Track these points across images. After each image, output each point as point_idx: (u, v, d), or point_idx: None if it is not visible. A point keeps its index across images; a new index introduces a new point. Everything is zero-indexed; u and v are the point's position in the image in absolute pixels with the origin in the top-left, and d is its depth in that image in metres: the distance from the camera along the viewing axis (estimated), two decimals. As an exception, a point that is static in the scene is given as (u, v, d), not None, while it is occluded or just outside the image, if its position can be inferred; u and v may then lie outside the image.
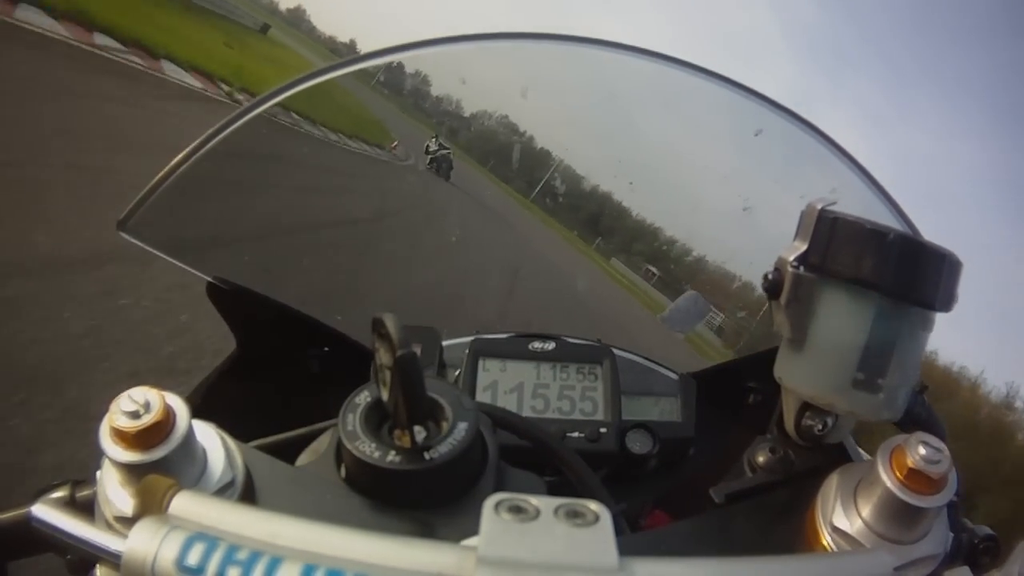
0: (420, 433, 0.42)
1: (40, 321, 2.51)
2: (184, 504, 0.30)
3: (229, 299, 0.72)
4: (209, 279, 0.71)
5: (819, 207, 0.42)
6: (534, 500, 0.28)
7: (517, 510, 0.27)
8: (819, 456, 0.46)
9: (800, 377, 0.44)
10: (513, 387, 0.80)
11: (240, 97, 9.26)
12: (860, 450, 0.55)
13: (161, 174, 0.66)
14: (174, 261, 0.68)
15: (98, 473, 0.39)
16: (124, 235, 0.63)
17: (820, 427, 0.45)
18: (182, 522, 0.29)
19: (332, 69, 0.70)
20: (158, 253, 0.67)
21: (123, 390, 0.37)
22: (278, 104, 0.69)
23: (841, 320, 0.41)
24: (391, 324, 0.38)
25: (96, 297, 2.85)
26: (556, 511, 0.27)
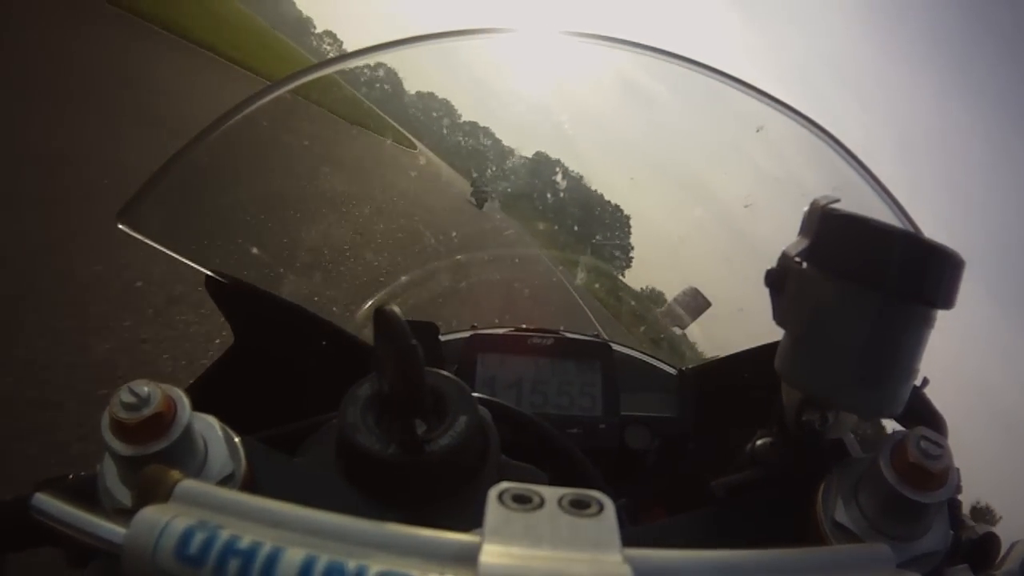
0: (421, 426, 0.42)
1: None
2: (185, 494, 0.30)
3: (228, 293, 0.72)
4: (208, 273, 0.71)
5: (822, 204, 0.42)
6: (539, 490, 0.28)
7: (522, 499, 0.27)
8: (820, 452, 0.46)
9: (801, 372, 0.43)
10: (512, 382, 0.80)
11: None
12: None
13: (160, 168, 0.66)
14: (173, 254, 0.68)
15: (99, 465, 0.39)
16: (123, 228, 0.63)
17: (821, 423, 0.45)
18: (183, 512, 0.29)
19: (333, 63, 0.70)
20: (157, 246, 0.66)
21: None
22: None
23: (843, 316, 0.41)
24: (392, 316, 0.38)
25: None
26: (560, 501, 0.27)
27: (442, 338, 0.83)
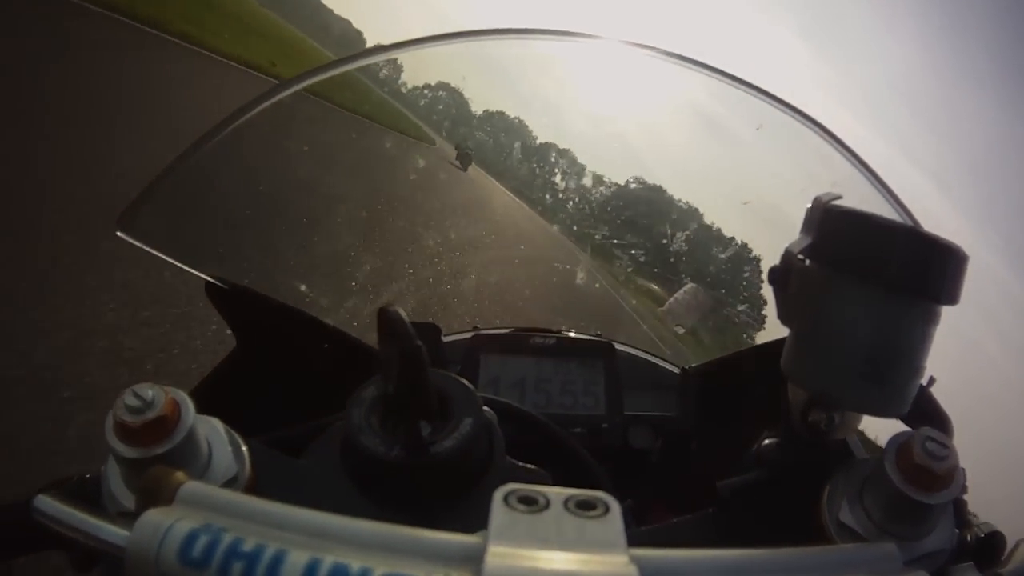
0: (426, 427, 0.42)
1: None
2: (189, 496, 0.30)
3: (229, 298, 0.72)
4: (208, 279, 0.70)
5: (825, 201, 0.42)
6: (544, 491, 0.28)
7: (527, 501, 0.27)
8: (825, 451, 0.46)
9: (806, 371, 0.43)
10: (515, 382, 0.80)
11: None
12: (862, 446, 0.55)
13: (158, 175, 0.65)
14: (173, 261, 0.68)
15: (102, 467, 0.39)
16: (123, 236, 0.63)
17: (826, 422, 0.44)
18: (187, 514, 0.29)
19: (342, 63, 0.70)
20: (157, 254, 0.66)
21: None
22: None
23: (847, 314, 0.41)
24: (396, 318, 0.38)
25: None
26: (566, 502, 0.27)
27: (444, 339, 0.83)
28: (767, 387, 0.51)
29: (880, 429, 0.43)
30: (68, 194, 3.34)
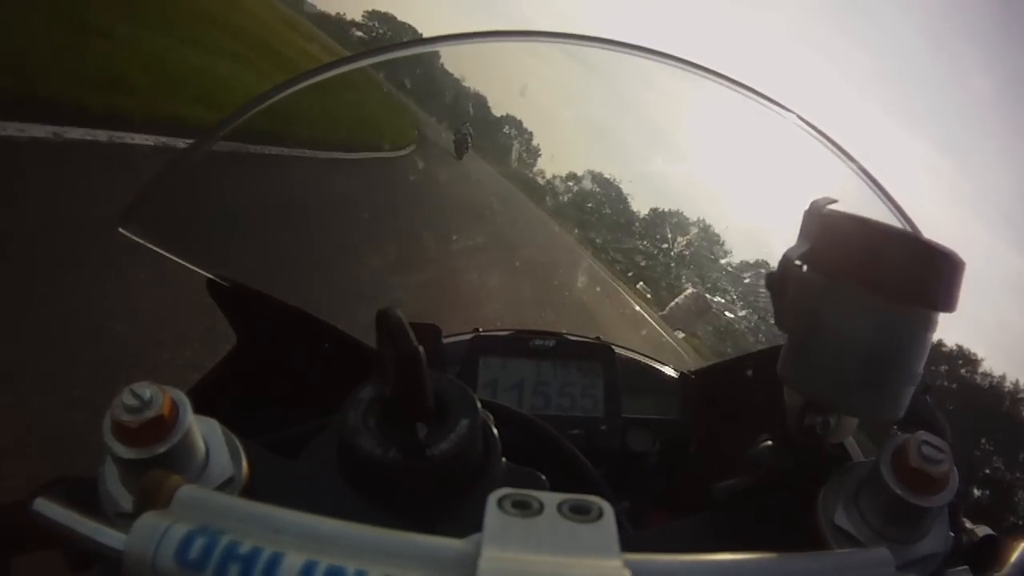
0: (422, 429, 0.42)
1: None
2: (186, 499, 0.30)
3: (230, 296, 0.72)
4: (210, 276, 0.71)
5: (823, 206, 0.42)
6: (538, 495, 0.28)
7: (521, 505, 0.27)
8: (821, 455, 0.46)
9: (803, 376, 0.43)
10: (513, 384, 0.80)
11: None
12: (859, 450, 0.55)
13: (161, 171, 0.65)
14: (175, 258, 0.68)
15: (100, 468, 0.39)
16: (124, 232, 0.63)
17: (822, 426, 0.45)
18: (184, 517, 0.29)
19: (340, 64, 0.70)
20: (159, 250, 0.66)
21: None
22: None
23: (844, 320, 0.41)
24: (395, 319, 0.38)
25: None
26: (560, 506, 0.27)
27: (445, 340, 0.83)
28: (764, 392, 0.51)
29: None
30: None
